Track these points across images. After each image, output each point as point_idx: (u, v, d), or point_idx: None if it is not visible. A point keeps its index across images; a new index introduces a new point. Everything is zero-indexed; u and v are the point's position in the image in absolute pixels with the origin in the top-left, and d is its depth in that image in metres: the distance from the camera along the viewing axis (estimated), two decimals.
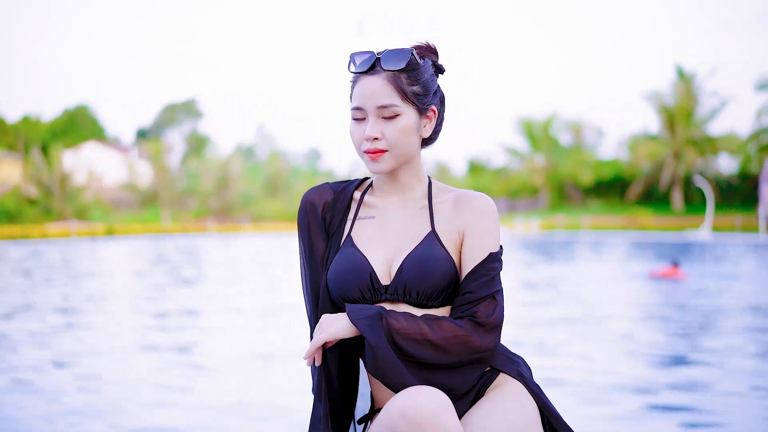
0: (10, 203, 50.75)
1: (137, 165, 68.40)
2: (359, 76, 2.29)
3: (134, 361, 7.23)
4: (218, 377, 6.46)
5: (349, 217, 2.42)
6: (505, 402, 2.20)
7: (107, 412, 5.21)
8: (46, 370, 6.71)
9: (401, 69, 2.25)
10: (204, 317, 10.61)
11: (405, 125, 2.26)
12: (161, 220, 54.82)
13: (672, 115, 59.10)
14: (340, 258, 2.32)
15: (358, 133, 2.29)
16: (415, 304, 2.25)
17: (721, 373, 6.44)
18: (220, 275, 18.09)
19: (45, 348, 7.88)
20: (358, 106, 2.28)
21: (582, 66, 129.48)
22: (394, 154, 2.28)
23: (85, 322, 9.99)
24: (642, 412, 5.21)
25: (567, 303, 11.87)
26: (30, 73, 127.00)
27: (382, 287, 2.26)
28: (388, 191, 2.40)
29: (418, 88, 2.28)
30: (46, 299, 12.48)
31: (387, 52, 2.27)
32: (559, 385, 5.92)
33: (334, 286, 2.30)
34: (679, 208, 58.53)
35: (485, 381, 2.29)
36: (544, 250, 29.08)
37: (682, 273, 15.56)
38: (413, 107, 2.28)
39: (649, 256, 23.90)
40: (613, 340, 8.33)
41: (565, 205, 65.90)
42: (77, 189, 56.78)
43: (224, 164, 66.09)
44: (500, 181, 68.03)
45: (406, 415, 1.94)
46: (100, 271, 19.46)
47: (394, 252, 2.30)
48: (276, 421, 4.96)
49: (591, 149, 68.28)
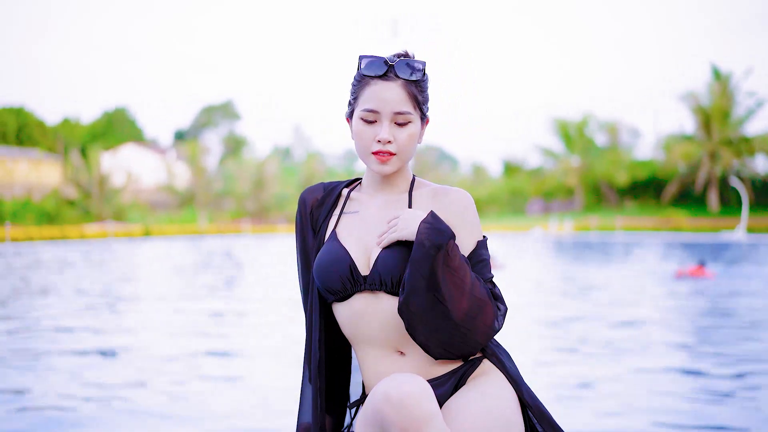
0: (50, 204, 51.15)
1: (175, 166, 68.62)
2: (370, 80, 2.39)
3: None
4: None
5: (336, 212, 2.53)
6: (484, 389, 2.32)
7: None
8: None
9: (415, 79, 2.38)
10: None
11: (414, 132, 2.39)
12: (198, 222, 55.12)
13: (708, 115, 58.46)
14: (324, 251, 2.43)
15: (368, 134, 2.38)
16: (392, 293, 2.33)
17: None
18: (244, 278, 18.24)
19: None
20: (372, 108, 2.36)
21: (617, 65, 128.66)
22: (401, 158, 2.40)
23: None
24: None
25: (578, 302, 12.00)
26: (69, 75, 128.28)
27: (362, 278, 2.36)
28: (375, 188, 2.50)
29: (423, 97, 2.41)
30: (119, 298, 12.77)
31: (403, 61, 2.37)
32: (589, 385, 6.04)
33: (318, 277, 2.41)
34: (714, 208, 57.87)
35: (468, 368, 2.39)
36: (575, 251, 29.04)
37: (709, 272, 15.62)
38: (419, 115, 2.41)
39: (681, 257, 23.78)
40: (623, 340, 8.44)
41: (600, 206, 65.32)
42: (115, 190, 57.15)
43: (260, 165, 66.16)
44: (535, 182, 67.55)
45: (389, 399, 2.06)
46: (158, 273, 19.72)
47: (373, 243, 2.41)
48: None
49: (627, 150, 67.66)
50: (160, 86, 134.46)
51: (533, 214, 66.42)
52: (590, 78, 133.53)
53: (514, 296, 11.98)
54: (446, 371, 2.39)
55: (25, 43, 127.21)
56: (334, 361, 2.57)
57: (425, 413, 2.06)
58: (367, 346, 2.41)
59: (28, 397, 5.60)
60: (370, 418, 2.14)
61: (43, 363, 6.95)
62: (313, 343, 2.46)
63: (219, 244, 35.43)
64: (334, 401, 2.58)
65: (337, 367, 2.59)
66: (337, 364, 2.59)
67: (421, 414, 2.05)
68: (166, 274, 18.52)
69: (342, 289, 2.39)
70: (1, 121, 68.55)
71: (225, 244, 36.38)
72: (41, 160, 64.36)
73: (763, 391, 5.72)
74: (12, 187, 56.34)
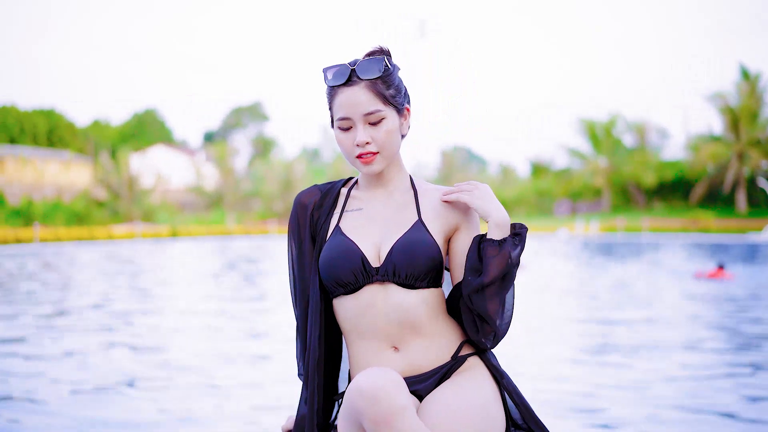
0: (80, 205, 51.46)
1: (204, 168, 68.72)
2: (338, 89, 2.45)
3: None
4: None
5: (337, 211, 2.58)
6: (464, 383, 2.41)
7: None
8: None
9: (378, 77, 2.43)
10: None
11: (390, 127, 2.44)
12: (226, 222, 55.28)
13: (736, 115, 57.78)
14: (331, 245, 2.48)
15: (347, 141, 2.45)
16: (403, 285, 2.41)
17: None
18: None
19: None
20: (344, 116, 2.43)
21: (644, 66, 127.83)
22: (384, 155, 2.46)
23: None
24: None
25: (586, 302, 12.03)
26: (100, 77, 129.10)
27: (373, 269, 2.43)
28: (374, 185, 2.57)
29: (393, 90, 2.45)
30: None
31: (362, 63, 2.43)
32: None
33: (326, 271, 2.46)
34: (743, 209, 57.16)
35: (453, 365, 2.46)
36: (597, 252, 28.93)
37: (728, 274, 15.61)
38: (393, 109, 2.45)
39: (703, 259, 23.62)
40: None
41: (628, 207, 64.82)
42: (144, 191, 57.36)
43: (288, 166, 66.14)
44: (562, 183, 67.10)
45: (362, 392, 2.16)
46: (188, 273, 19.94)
47: (383, 237, 2.47)
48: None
49: (655, 150, 67.13)
50: (189, 88, 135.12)
51: (560, 215, 66.03)
52: (618, 78, 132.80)
53: (528, 295, 12.10)
54: (435, 367, 2.46)
55: (56, 46, 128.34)
56: (328, 357, 2.62)
57: (396, 406, 2.15)
58: (364, 340, 2.46)
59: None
60: (346, 411, 2.24)
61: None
62: (312, 341, 2.50)
63: (243, 245, 35.57)
64: (324, 395, 2.63)
65: (330, 364, 2.64)
66: (330, 360, 2.64)
67: (392, 406, 2.14)
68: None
69: (353, 281, 2.44)
70: (32, 123, 69.03)
71: (251, 244, 36.50)
72: (71, 161, 64.76)
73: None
74: (42, 188, 56.73)
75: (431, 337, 2.46)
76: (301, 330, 2.60)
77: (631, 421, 4.89)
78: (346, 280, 2.44)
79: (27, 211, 45.64)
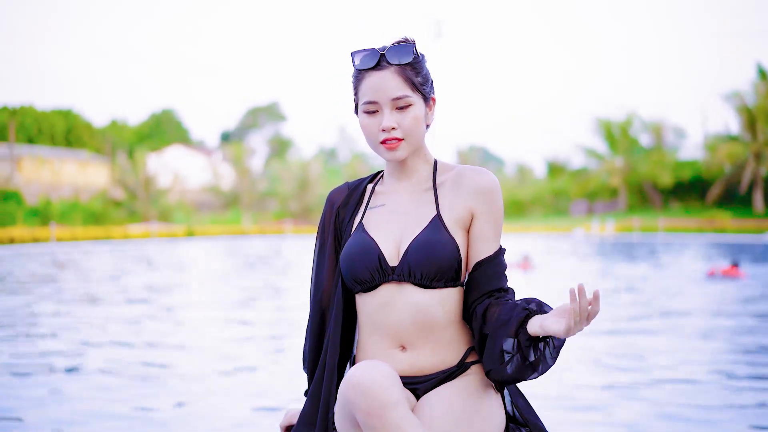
0: (97, 205, 51.73)
1: (220, 168, 68.89)
2: (365, 73, 2.42)
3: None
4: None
5: (361, 208, 2.57)
6: (464, 385, 2.39)
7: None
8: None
9: (408, 62, 2.40)
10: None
11: (418, 114, 2.41)
12: (242, 222, 55.39)
13: (753, 115, 57.46)
14: (351, 242, 2.47)
15: (373, 125, 2.42)
16: (419, 285, 2.38)
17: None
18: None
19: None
20: (371, 100, 2.40)
21: (662, 65, 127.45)
22: (409, 142, 2.42)
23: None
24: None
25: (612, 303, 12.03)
26: (117, 78, 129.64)
27: (390, 268, 2.40)
28: (398, 177, 2.54)
29: (421, 78, 2.42)
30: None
31: (392, 47, 2.39)
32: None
33: (346, 269, 2.45)
34: (759, 209, 56.74)
35: (456, 369, 2.42)
36: (611, 252, 28.89)
37: (741, 272, 15.57)
38: (420, 97, 2.42)
39: (717, 258, 23.54)
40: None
41: (644, 207, 64.55)
42: (161, 191, 57.64)
43: (305, 166, 66.17)
44: (579, 183, 66.88)
45: (354, 385, 2.15)
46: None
47: (402, 235, 2.44)
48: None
49: (671, 150, 66.83)
50: (207, 88, 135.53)
51: (577, 214, 65.89)
52: (635, 77, 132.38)
53: (536, 294, 12.06)
54: (439, 370, 2.43)
55: (74, 47, 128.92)
56: (343, 356, 2.59)
57: (388, 399, 2.14)
58: (375, 336, 2.45)
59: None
60: (340, 404, 2.25)
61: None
62: (332, 338, 2.49)
63: (257, 244, 35.62)
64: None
65: (343, 358, 2.61)
66: (344, 358, 2.61)
67: (384, 399, 2.14)
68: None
69: (370, 279, 2.43)
70: (50, 123, 69.47)
71: (264, 244, 36.56)
72: (89, 161, 65.11)
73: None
74: (60, 187, 57.05)
75: (441, 343, 2.44)
76: (317, 325, 2.59)
77: (632, 422, 4.90)
78: (363, 278, 2.43)
79: (44, 210, 45.88)
